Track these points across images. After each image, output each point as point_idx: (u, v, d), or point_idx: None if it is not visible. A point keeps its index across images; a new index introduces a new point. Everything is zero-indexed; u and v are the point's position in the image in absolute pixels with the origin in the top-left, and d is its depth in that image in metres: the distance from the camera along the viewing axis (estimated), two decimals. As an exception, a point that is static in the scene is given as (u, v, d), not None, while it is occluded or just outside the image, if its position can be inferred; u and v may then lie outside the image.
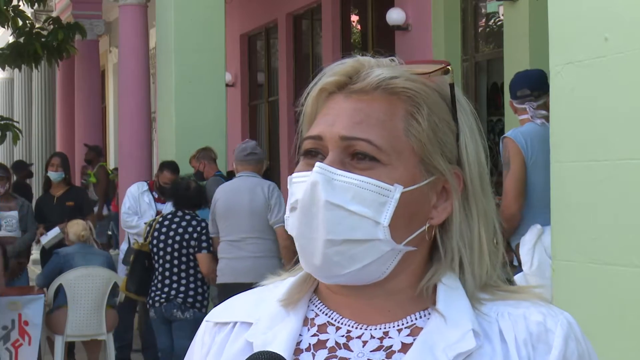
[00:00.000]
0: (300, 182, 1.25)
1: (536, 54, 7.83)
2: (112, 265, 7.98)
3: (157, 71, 9.79)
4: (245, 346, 1.30)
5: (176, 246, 6.85)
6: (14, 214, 8.94)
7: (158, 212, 8.64)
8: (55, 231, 9.16)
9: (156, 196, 8.71)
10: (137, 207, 8.68)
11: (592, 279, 3.62)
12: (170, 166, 8.64)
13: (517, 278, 4.89)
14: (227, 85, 10.87)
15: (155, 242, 6.93)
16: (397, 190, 1.24)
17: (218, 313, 1.38)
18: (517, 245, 5.11)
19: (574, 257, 3.72)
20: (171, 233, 6.89)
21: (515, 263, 5.36)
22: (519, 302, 1.29)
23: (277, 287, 1.36)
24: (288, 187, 1.29)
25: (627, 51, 3.43)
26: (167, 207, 8.65)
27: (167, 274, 6.90)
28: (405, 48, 10.39)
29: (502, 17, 9.09)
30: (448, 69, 1.28)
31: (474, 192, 1.29)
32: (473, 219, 1.29)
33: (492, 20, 9.89)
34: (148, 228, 7.15)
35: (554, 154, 3.83)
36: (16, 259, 8.85)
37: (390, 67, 1.29)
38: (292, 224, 1.27)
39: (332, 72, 1.30)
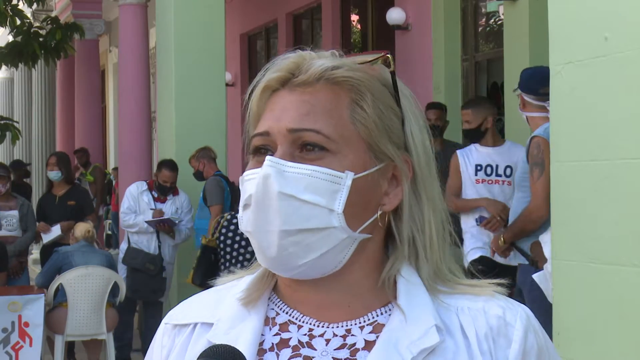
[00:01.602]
0: (252, 179, 1.26)
1: (536, 54, 7.83)
2: (112, 265, 7.97)
3: (157, 71, 9.79)
4: (207, 347, 1.29)
5: (243, 243, 6.99)
6: (14, 213, 8.94)
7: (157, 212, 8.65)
8: (57, 229, 9.15)
9: (156, 195, 8.71)
10: (137, 207, 8.68)
11: (592, 278, 3.62)
12: (168, 164, 8.65)
13: (537, 277, 4.80)
14: (227, 85, 10.86)
15: (222, 238, 7.10)
16: (348, 177, 1.24)
17: (176, 315, 1.37)
18: (535, 244, 5.04)
19: (574, 257, 3.72)
20: (238, 231, 7.02)
21: (519, 261, 5.31)
22: (477, 297, 1.30)
23: (235, 286, 1.36)
24: (240, 186, 1.29)
25: (627, 51, 3.43)
26: (167, 206, 8.67)
27: (232, 269, 7.08)
28: (405, 48, 10.39)
29: (502, 17, 9.09)
30: (388, 57, 1.30)
31: (423, 177, 1.31)
32: (423, 204, 1.30)
33: (492, 20, 9.89)
34: (216, 225, 7.38)
35: (554, 153, 3.83)
36: (17, 258, 8.85)
37: (332, 58, 1.31)
38: (246, 220, 1.26)
39: (275, 68, 1.31)
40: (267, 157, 1.24)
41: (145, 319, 8.79)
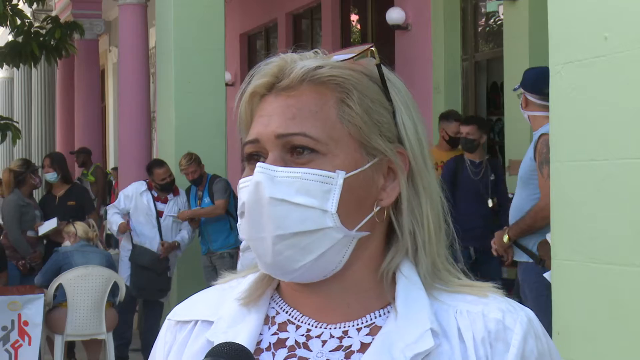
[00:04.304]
0: (245, 187, 1.26)
1: (536, 54, 7.84)
2: (111, 264, 7.97)
3: (157, 71, 9.79)
4: (206, 345, 1.29)
5: None
6: (39, 213, 9.02)
7: (159, 212, 8.64)
8: (52, 221, 9.12)
9: (155, 195, 8.70)
10: (131, 206, 8.65)
11: (592, 278, 3.62)
12: (155, 163, 8.68)
13: (549, 276, 4.79)
14: (227, 84, 10.86)
15: None
16: (339, 176, 1.24)
17: (180, 311, 1.38)
18: (543, 242, 5.03)
19: (574, 257, 3.72)
20: None
21: (521, 259, 5.30)
22: (478, 299, 1.29)
23: (240, 283, 1.36)
24: (238, 194, 1.29)
25: (626, 50, 3.43)
26: (169, 207, 8.66)
27: None
28: (405, 48, 10.39)
29: (501, 17, 9.09)
30: (372, 50, 1.28)
31: (418, 168, 1.30)
32: (420, 196, 1.29)
33: (492, 20, 9.89)
34: None
35: (554, 153, 3.83)
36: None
37: (314, 59, 1.30)
38: (243, 228, 1.27)
39: (260, 74, 1.30)
40: (258, 164, 1.25)
41: (145, 318, 8.79)
